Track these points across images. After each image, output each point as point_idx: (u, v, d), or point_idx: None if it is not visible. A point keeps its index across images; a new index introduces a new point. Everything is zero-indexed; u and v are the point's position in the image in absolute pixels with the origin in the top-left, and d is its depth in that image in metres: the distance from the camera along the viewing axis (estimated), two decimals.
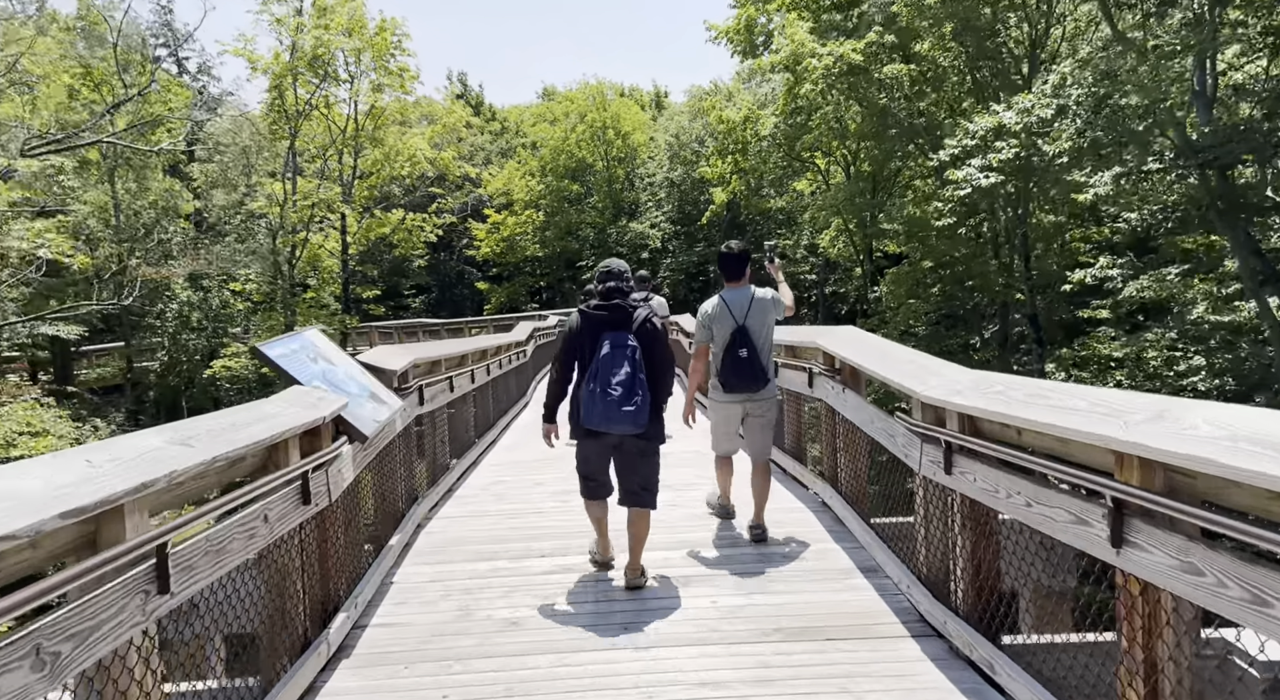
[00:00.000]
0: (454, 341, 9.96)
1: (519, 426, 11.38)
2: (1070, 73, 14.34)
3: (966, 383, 3.73)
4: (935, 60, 19.56)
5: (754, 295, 5.03)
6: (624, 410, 4.10)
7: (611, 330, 4.24)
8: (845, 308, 43.43)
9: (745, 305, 4.97)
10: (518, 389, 13.19)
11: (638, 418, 4.15)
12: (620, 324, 4.27)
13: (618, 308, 4.30)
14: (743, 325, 4.94)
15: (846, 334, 5.69)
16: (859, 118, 21.87)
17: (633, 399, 4.10)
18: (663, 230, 46.59)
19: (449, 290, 57.06)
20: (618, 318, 4.28)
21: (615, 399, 4.09)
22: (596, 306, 4.34)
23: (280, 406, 3.88)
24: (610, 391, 4.10)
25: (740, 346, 4.91)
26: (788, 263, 48.08)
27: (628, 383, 4.11)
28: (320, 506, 3.84)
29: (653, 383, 4.27)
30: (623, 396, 4.09)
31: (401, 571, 5.08)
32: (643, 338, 4.27)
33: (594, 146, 47.65)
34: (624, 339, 4.21)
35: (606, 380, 4.12)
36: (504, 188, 49.71)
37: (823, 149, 25.61)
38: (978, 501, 3.51)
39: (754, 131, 26.89)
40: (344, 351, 5.21)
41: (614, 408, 4.09)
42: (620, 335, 4.22)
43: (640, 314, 4.32)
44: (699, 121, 42.48)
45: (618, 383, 4.10)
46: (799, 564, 4.87)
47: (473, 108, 65.55)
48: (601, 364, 4.16)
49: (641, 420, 4.17)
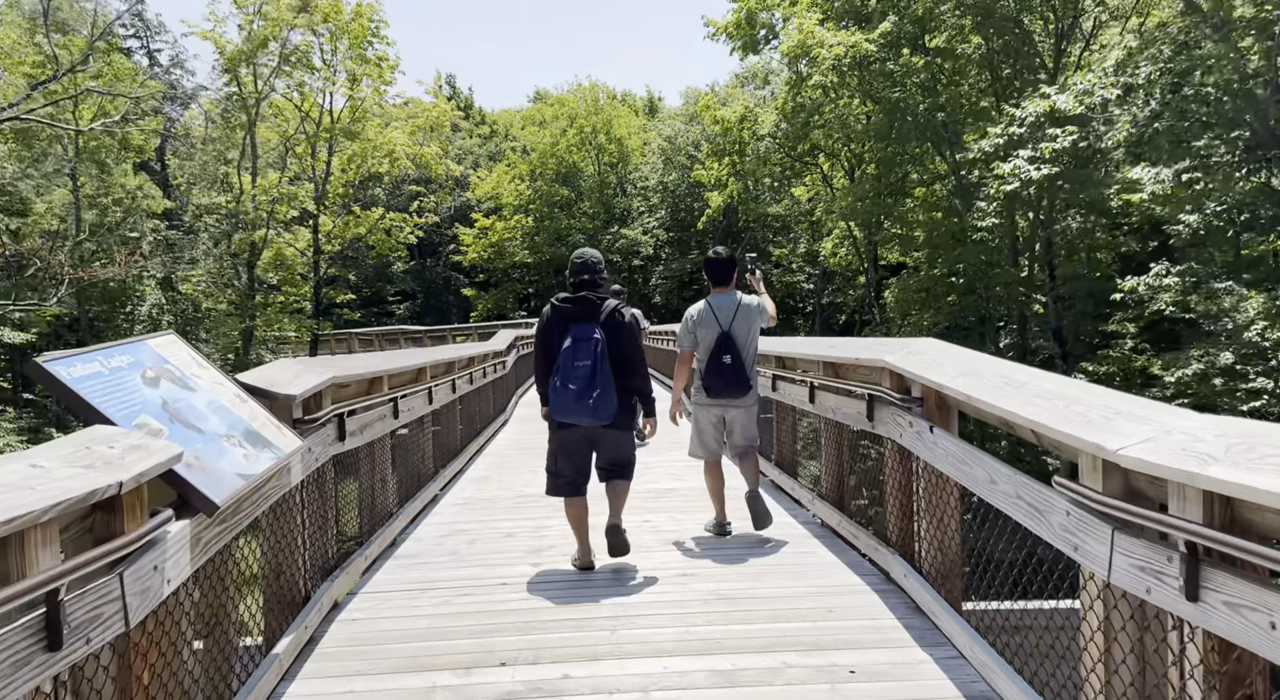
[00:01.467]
0: (407, 353, 8.33)
1: (496, 450, 9.78)
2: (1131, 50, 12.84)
3: (1212, 439, 2.17)
4: (954, 52, 18.10)
5: (740, 301, 5.01)
6: (584, 403, 4.14)
7: (577, 323, 4.26)
8: (844, 318, 42.01)
9: (731, 311, 4.98)
10: (496, 405, 11.60)
11: (598, 410, 4.16)
12: (587, 315, 4.28)
13: (583, 301, 4.30)
14: (727, 331, 4.94)
15: (931, 349, 4.12)
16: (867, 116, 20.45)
17: (593, 391, 4.12)
18: (655, 237, 45.08)
19: (434, 297, 55.41)
20: (584, 310, 4.29)
21: (574, 392, 4.14)
22: (564, 299, 4.35)
23: (43, 464, 2.28)
24: (570, 384, 4.14)
25: (725, 353, 4.92)
26: (783, 272, 46.81)
27: (587, 375, 4.14)
28: (95, 646, 2.23)
29: (622, 373, 4.27)
30: (582, 388, 4.13)
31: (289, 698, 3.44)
32: (609, 329, 4.27)
33: (585, 150, 46.17)
34: (589, 331, 4.23)
35: (567, 374, 4.17)
36: (492, 191, 48.12)
37: (826, 150, 24.15)
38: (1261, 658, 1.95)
39: (751, 131, 25.38)
40: (214, 369, 3.59)
41: (574, 399, 4.14)
42: (585, 327, 4.24)
43: (608, 305, 4.31)
44: (695, 125, 41.07)
45: (578, 375, 4.14)
46: (880, 692, 3.28)
47: (461, 111, 64.18)
48: (564, 357, 4.21)
49: (604, 412, 4.18)
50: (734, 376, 4.99)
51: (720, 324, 4.99)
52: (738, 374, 4.99)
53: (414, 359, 7.10)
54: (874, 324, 25.77)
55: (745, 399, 5.15)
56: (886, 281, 22.82)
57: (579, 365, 4.22)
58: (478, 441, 9.64)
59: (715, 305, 5.05)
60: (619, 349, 4.32)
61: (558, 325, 4.38)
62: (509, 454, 9.29)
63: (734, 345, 4.97)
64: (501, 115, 61.16)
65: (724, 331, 4.97)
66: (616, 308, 4.39)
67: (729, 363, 4.96)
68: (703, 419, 5.29)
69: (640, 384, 4.49)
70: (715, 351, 4.98)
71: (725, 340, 4.96)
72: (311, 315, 24.30)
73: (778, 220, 45.84)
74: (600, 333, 4.28)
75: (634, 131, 47.82)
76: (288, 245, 23.10)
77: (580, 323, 4.31)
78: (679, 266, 44.62)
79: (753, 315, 5.08)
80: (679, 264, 44.61)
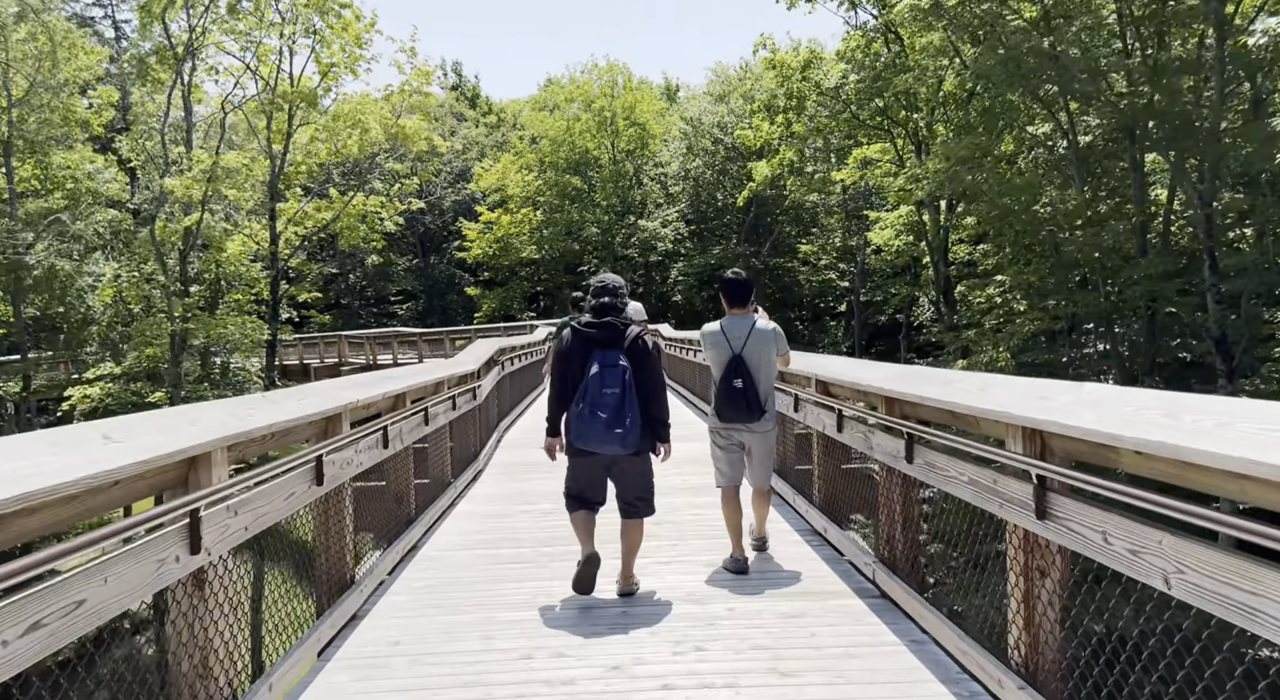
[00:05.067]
0: (295, 396, 4.44)
1: (451, 529, 6.10)
2: None
3: None
4: None
5: (755, 325, 4.78)
6: (614, 432, 4.04)
7: (602, 349, 4.16)
8: (883, 319, 38.15)
9: (744, 335, 4.75)
10: (461, 452, 7.92)
11: (627, 439, 4.07)
12: (611, 342, 4.18)
13: (609, 326, 4.19)
14: (739, 355, 4.71)
15: None
16: (960, 63, 16.10)
17: (622, 420, 4.05)
18: (675, 229, 41.33)
19: (438, 297, 51.91)
20: (609, 336, 4.18)
21: (604, 420, 4.03)
22: (588, 324, 4.23)
23: None
24: (599, 412, 4.04)
25: (736, 376, 4.68)
26: (811, 270, 42.91)
27: (617, 403, 4.05)
28: None
29: (644, 400, 4.17)
30: (611, 418, 4.04)
31: None
32: (633, 356, 4.18)
33: (600, 137, 42.43)
34: (615, 358, 4.13)
35: (595, 401, 4.07)
36: (498, 183, 44.53)
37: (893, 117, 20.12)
38: None
39: (814, 83, 21.35)
40: None
41: (603, 429, 4.04)
42: (611, 354, 4.14)
43: (632, 331, 4.24)
44: (723, 105, 37.19)
45: (607, 403, 4.05)
46: None
47: (468, 100, 60.72)
48: (591, 383, 4.09)
49: (631, 441, 4.09)
50: (744, 401, 4.69)
51: (731, 347, 4.74)
52: (748, 398, 4.70)
53: (288, 410, 3.50)
54: (926, 330, 21.91)
55: (760, 425, 4.83)
56: (956, 276, 18.99)
57: (607, 393, 4.06)
58: (423, 521, 5.95)
59: (728, 327, 4.80)
60: (643, 377, 4.18)
61: (581, 350, 4.19)
62: (472, 564, 5.37)
63: (745, 369, 4.70)
64: (510, 105, 57.61)
65: (735, 355, 4.72)
66: (640, 334, 4.24)
67: (739, 387, 4.68)
68: (718, 444, 4.96)
69: (660, 412, 4.28)
70: (726, 375, 4.73)
71: (737, 364, 4.71)
72: (268, 317, 20.47)
73: (807, 212, 42.01)
74: (625, 359, 4.12)
75: (655, 115, 44.07)
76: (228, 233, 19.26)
77: (605, 349, 4.15)
78: (701, 262, 40.88)
79: (768, 340, 4.79)
80: (701, 259, 40.86)
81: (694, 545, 5.23)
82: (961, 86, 18.54)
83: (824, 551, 5.00)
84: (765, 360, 4.77)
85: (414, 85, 21.06)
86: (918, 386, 3.73)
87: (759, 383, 4.73)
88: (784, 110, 22.18)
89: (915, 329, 33.13)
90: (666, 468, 4.70)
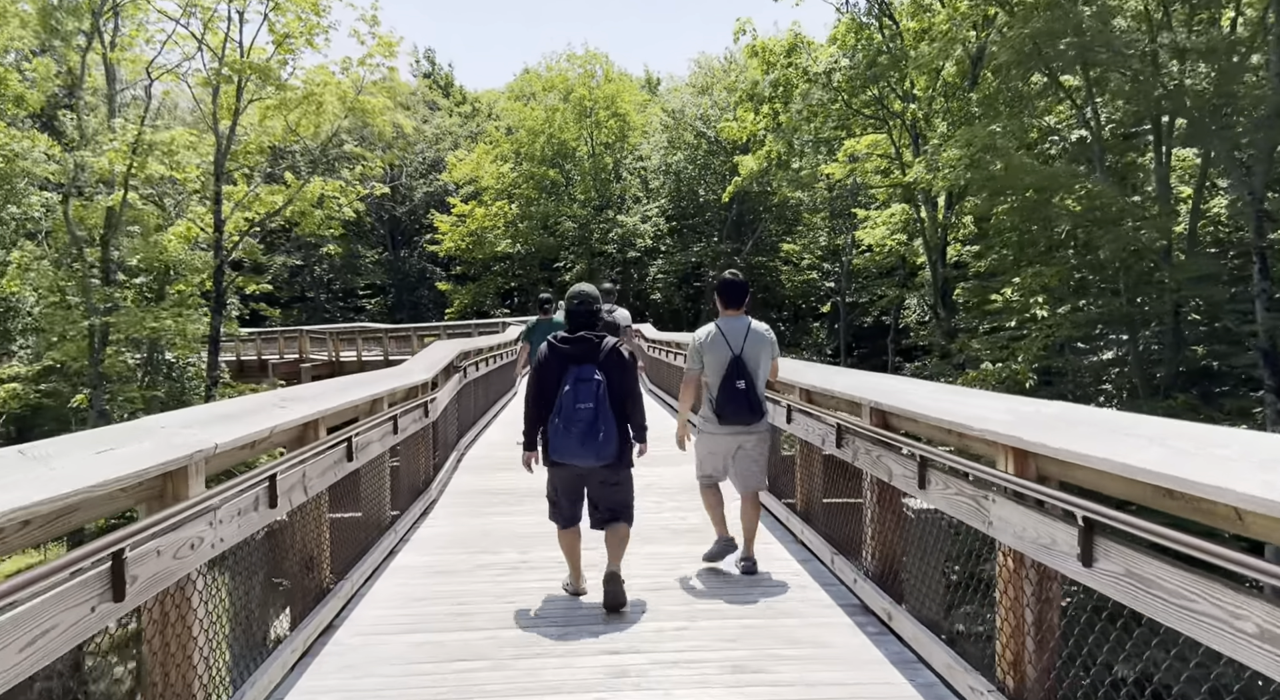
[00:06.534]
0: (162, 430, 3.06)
1: (385, 596, 4.65)
2: None
3: None
4: None
5: (750, 326, 4.78)
6: (588, 446, 4.05)
7: (577, 363, 4.17)
8: (869, 321, 37.03)
9: (742, 335, 4.73)
10: (409, 481, 6.49)
11: (602, 451, 4.07)
12: (586, 356, 4.19)
13: (583, 340, 4.21)
14: (739, 355, 4.68)
15: None
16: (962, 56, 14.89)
17: (596, 433, 4.06)
18: (655, 226, 39.90)
19: (408, 292, 50.05)
20: (584, 350, 4.20)
21: (577, 433, 4.05)
22: (563, 339, 4.25)
23: None
24: (573, 426, 4.05)
25: (738, 377, 4.66)
26: (793, 270, 41.66)
27: (590, 417, 4.06)
28: None
29: (620, 412, 4.19)
30: (585, 431, 4.05)
31: None
32: (609, 368, 4.18)
33: (579, 128, 40.86)
34: (590, 372, 4.14)
35: (570, 416, 4.07)
36: (472, 174, 42.79)
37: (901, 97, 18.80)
38: None
39: (802, 71, 20.01)
40: None
41: (577, 442, 4.06)
42: (586, 368, 4.15)
43: (607, 344, 4.24)
44: (707, 97, 35.74)
45: (581, 418, 4.06)
46: None
47: (441, 89, 58.78)
48: (565, 398, 4.10)
49: (607, 453, 4.10)
50: (747, 402, 4.66)
51: (731, 347, 4.69)
52: (750, 398, 4.66)
53: None
54: (930, 330, 20.73)
55: (759, 425, 4.80)
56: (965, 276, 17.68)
57: (580, 407, 4.06)
58: (319, 614, 4.52)
59: (725, 329, 4.75)
60: (619, 388, 4.21)
61: (556, 366, 4.21)
62: (405, 659, 3.72)
63: (746, 370, 4.66)
64: (485, 95, 55.80)
65: (736, 355, 4.67)
66: (615, 346, 4.26)
67: (742, 388, 4.64)
68: (711, 447, 4.89)
69: (638, 420, 4.33)
70: (728, 376, 4.65)
71: (738, 364, 4.66)
72: (211, 309, 18.55)
73: (790, 209, 40.80)
74: (600, 374, 4.14)
75: (636, 106, 42.59)
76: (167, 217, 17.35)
77: (580, 364, 4.17)
78: (681, 259, 39.53)
79: (764, 342, 4.78)
80: (681, 257, 39.51)
81: None
82: (961, 74, 17.34)
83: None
84: (762, 362, 4.77)
85: (376, 59, 19.33)
86: (1083, 442, 2.39)
87: (758, 384, 4.72)
88: (769, 99, 20.78)
89: (901, 331, 32.04)
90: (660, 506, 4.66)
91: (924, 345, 31.42)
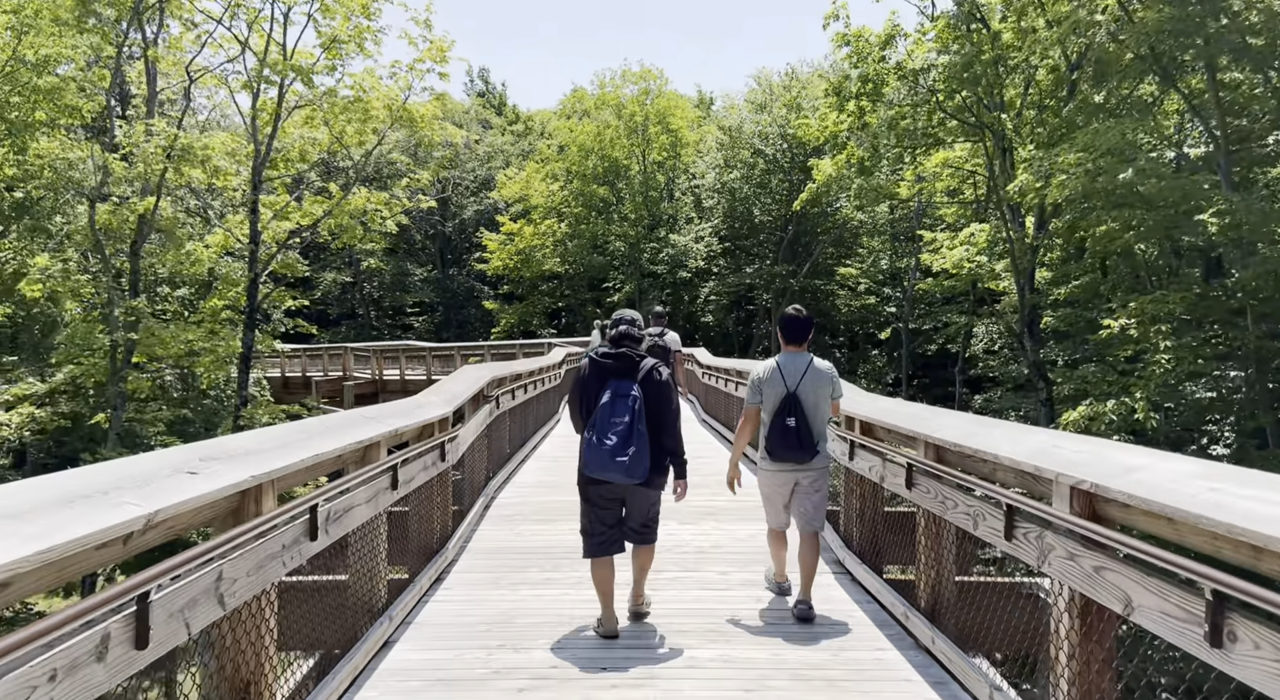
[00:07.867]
0: None
1: None
2: None
3: None
4: None
5: (811, 363, 4.74)
6: (618, 460, 4.04)
7: (616, 378, 4.23)
8: (933, 348, 35.07)
9: (800, 372, 4.69)
10: (419, 541, 5.29)
11: (632, 468, 4.05)
12: (626, 372, 4.25)
13: (624, 356, 4.27)
14: (794, 393, 4.65)
15: None
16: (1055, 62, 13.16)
17: (627, 449, 4.05)
18: (707, 245, 38.60)
19: (456, 310, 49.53)
20: (624, 366, 4.26)
21: (609, 448, 4.06)
22: (604, 354, 4.31)
23: None
24: (605, 440, 4.07)
25: (789, 414, 4.62)
26: (850, 295, 39.81)
27: (624, 432, 4.07)
28: None
29: (655, 431, 4.20)
30: (617, 446, 4.05)
31: None
32: (647, 386, 4.22)
33: (631, 146, 39.89)
34: (627, 388, 4.19)
35: (604, 429, 4.10)
36: (521, 193, 42.09)
37: (989, 106, 17.15)
38: None
39: (895, 64, 18.37)
40: None
41: (608, 457, 4.05)
42: (624, 384, 4.20)
43: (647, 363, 4.29)
44: (766, 114, 34.27)
45: (614, 432, 4.08)
46: None
47: (494, 107, 58.63)
48: (601, 412, 4.14)
49: (638, 471, 4.07)
50: (796, 440, 4.60)
51: (786, 384, 4.66)
52: (801, 438, 4.61)
53: None
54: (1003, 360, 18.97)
55: (812, 463, 4.74)
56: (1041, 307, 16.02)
57: (615, 422, 4.10)
58: None
59: (783, 365, 4.73)
60: (655, 408, 4.22)
61: (596, 379, 4.27)
62: None
63: (800, 408, 4.62)
64: (538, 114, 55.46)
65: (790, 393, 4.65)
66: (655, 366, 4.31)
67: (792, 425, 4.59)
68: (768, 484, 4.89)
69: (672, 444, 4.32)
70: (779, 413, 4.64)
71: (791, 402, 4.62)
72: (245, 325, 17.75)
73: (850, 233, 39.10)
74: (638, 389, 4.18)
75: (690, 124, 41.52)
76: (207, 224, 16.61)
77: (619, 379, 4.23)
78: (734, 281, 38.09)
79: (823, 380, 4.72)
80: (734, 278, 38.07)
81: None
82: (1057, 82, 15.71)
83: None
84: (820, 400, 4.72)
85: (427, 65, 18.42)
86: None
87: (813, 423, 4.69)
88: (856, 96, 19.19)
89: (969, 361, 30.08)
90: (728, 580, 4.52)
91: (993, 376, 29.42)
